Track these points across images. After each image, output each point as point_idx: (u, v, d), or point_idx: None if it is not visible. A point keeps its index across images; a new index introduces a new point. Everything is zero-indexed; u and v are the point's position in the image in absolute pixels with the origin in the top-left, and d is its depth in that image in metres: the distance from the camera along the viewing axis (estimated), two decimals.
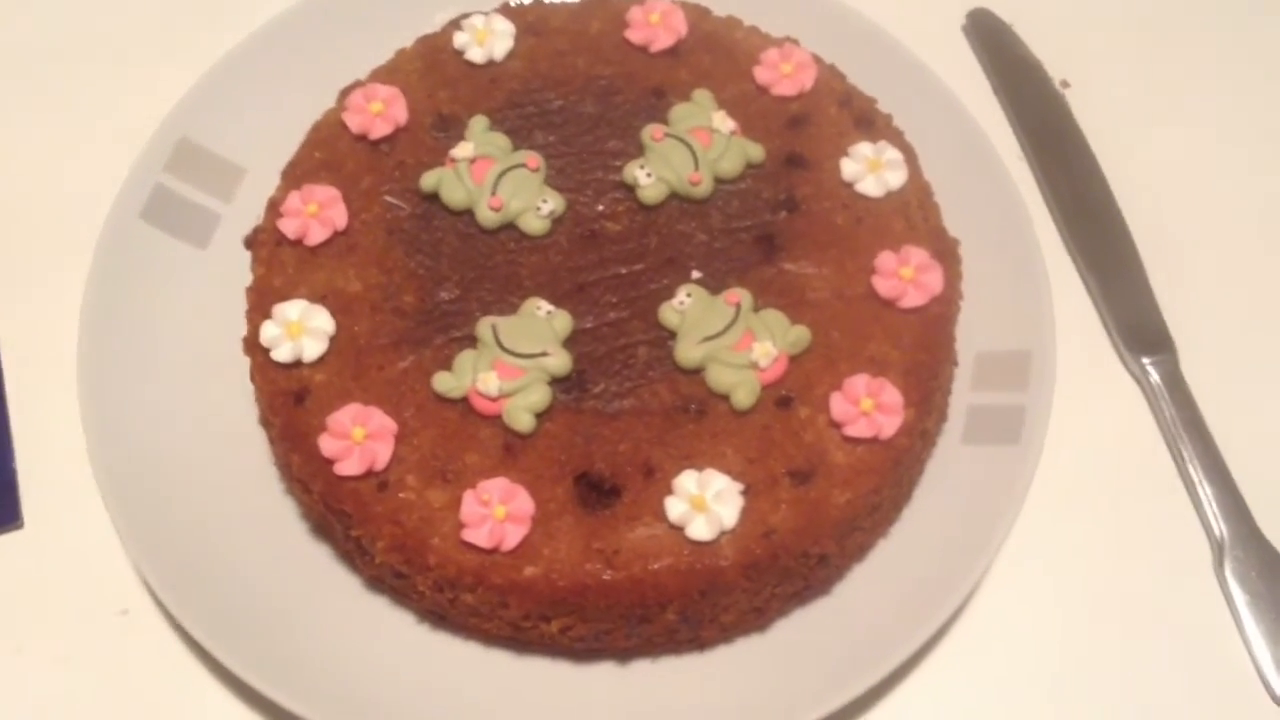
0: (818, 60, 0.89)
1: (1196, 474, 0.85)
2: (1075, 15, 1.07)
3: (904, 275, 0.80)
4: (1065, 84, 1.02)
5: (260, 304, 0.80)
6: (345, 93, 0.87)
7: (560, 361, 0.76)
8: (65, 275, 0.86)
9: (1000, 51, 1.03)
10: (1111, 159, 0.98)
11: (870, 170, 0.84)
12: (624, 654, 0.77)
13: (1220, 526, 0.83)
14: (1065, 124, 0.99)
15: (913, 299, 0.80)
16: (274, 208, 0.83)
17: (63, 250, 0.89)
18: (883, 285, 0.80)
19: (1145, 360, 0.89)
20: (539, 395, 0.75)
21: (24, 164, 0.97)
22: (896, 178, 0.84)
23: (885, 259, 0.80)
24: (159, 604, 0.79)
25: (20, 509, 0.84)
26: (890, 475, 0.75)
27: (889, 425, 0.75)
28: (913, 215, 0.83)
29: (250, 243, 0.83)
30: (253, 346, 0.79)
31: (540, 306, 0.79)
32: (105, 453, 0.79)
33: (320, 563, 0.80)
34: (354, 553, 0.77)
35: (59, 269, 0.88)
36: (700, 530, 0.72)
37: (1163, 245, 0.94)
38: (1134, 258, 0.93)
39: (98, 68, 1.02)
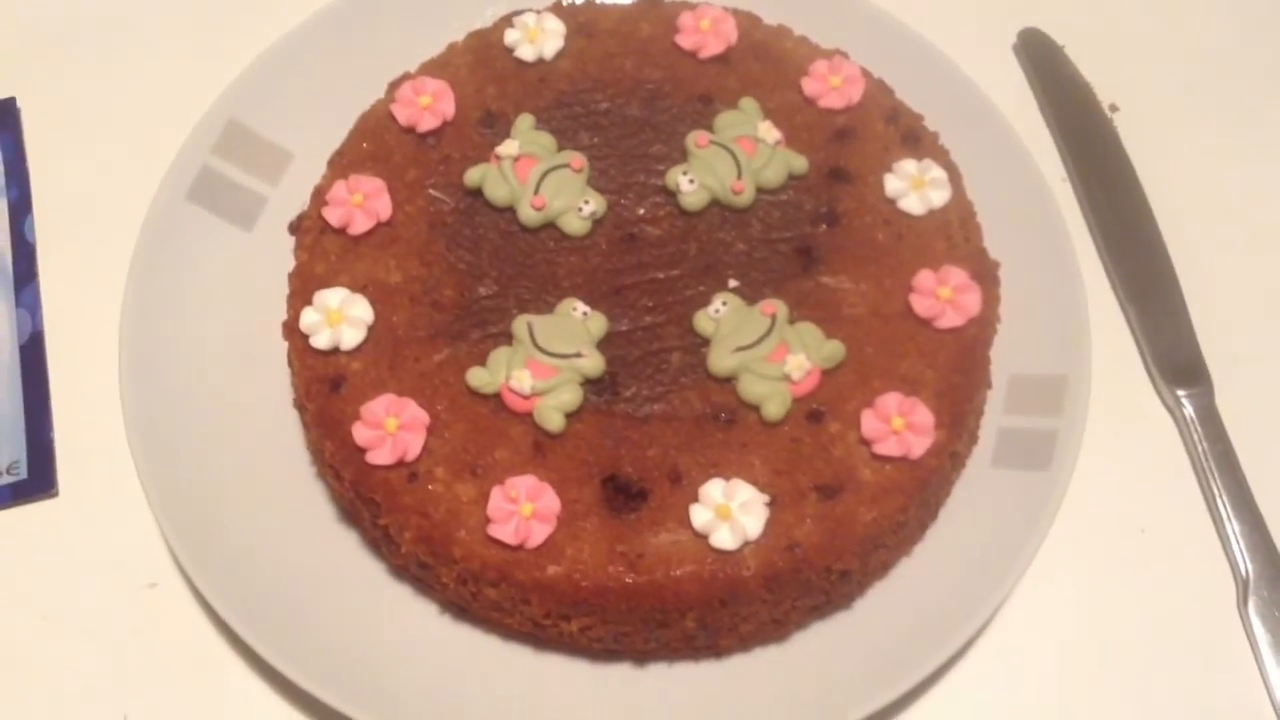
0: (866, 74, 0.89)
1: (1225, 509, 0.85)
2: (1128, 39, 1.06)
3: (942, 295, 0.80)
4: (1114, 108, 1.02)
5: (302, 290, 0.81)
6: (395, 85, 0.88)
7: (593, 363, 0.77)
8: (112, 251, 0.88)
9: (1050, 72, 1.02)
10: (1157, 186, 0.97)
11: (914, 187, 0.84)
12: (641, 656, 0.77)
13: (1246, 563, 0.83)
14: (1112, 148, 0.99)
15: (950, 319, 0.80)
16: (319, 195, 0.84)
17: (110, 227, 0.90)
18: (920, 304, 0.80)
19: (1180, 392, 0.89)
20: (571, 395, 0.76)
21: (76, 140, 0.98)
22: (940, 196, 0.84)
23: (924, 278, 0.80)
24: (186, 579, 0.80)
25: (56, 478, 0.86)
26: (917, 495, 0.75)
27: (919, 445, 0.75)
28: (954, 235, 0.83)
29: (295, 228, 0.85)
30: (292, 331, 0.79)
31: (576, 307, 0.79)
32: (141, 427, 0.80)
33: (347, 548, 0.81)
34: (380, 541, 0.78)
35: (106, 245, 0.89)
36: (724, 539, 0.72)
37: (1204, 276, 0.94)
38: (1174, 288, 0.93)
39: (151, 48, 1.03)
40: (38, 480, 0.85)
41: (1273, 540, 0.84)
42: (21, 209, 0.95)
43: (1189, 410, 0.88)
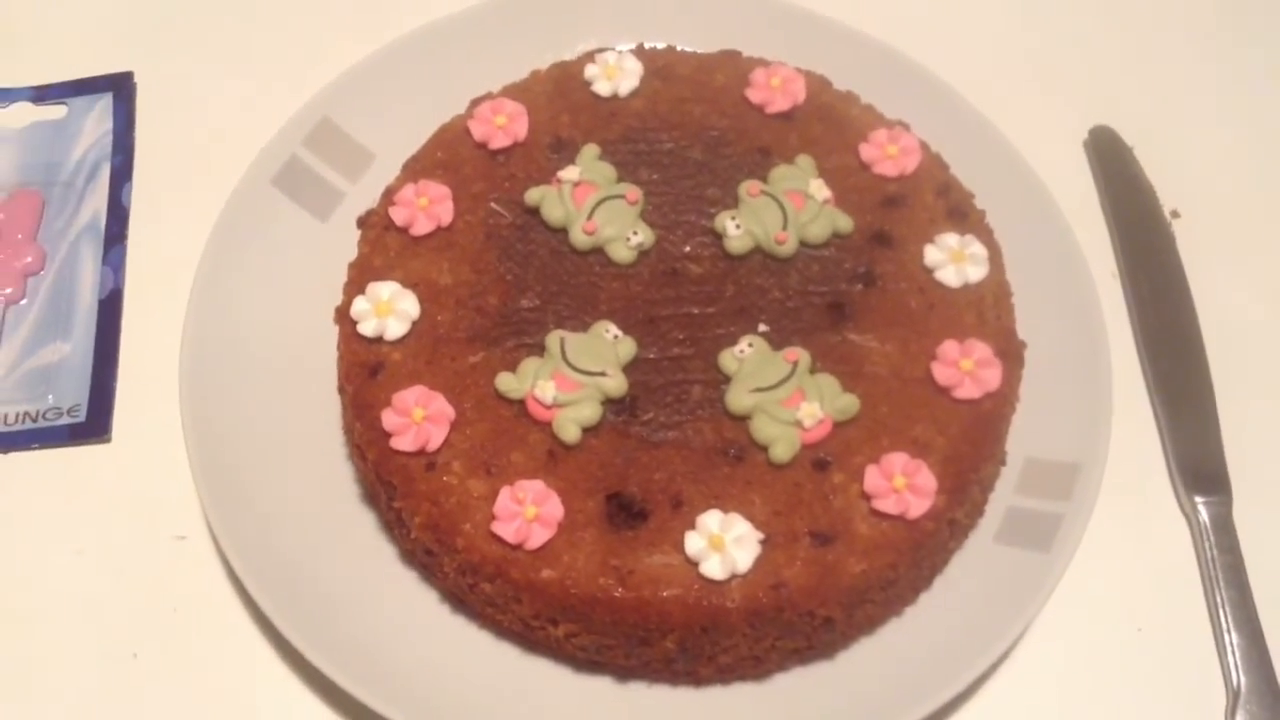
0: (924, 147, 0.92)
1: (1225, 620, 0.85)
2: (1199, 148, 1.07)
3: (963, 366, 0.82)
4: (1175, 214, 1.03)
5: (358, 279, 0.85)
6: (475, 102, 0.93)
7: (617, 383, 0.80)
8: (196, 224, 0.93)
9: (1116, 170, 1.04)
10: (1207, 294, 0.98)
11: (952, 260, 0.86)
12: (623, 672, 0.80)
13: (1239, 676, 0.83)
14: (1167, 253, 1.00)
15: (967, 391, 0.81)
16: (389, 195, 0.89)
17: (199, 201, 0.95)
18: (941, 372, 0.82)
19: (1198, 498, 0.89)
20: (590, 411, 0.79)
21: (181, 117, 1.05)
22: (977, 272, 0.86)
23: (948, 347, 0.82)
24: (212, 535, 0.84)
25: (111, 424, 0.92)
26: (909, 555, 0.77)
27: (917, 506, 0.77)
28: (985, 311, 0.85)
29: (362, 222, 0.90)
30: (343, 317, 0.84)
31: (609, 329, 0.83)
32: (193, 389, 0.85)
33: (364, 528, 0.85)
34: (394, 523, 0.82)
35: (192, 217, 0.94)
36: (713, 568, 0.74)
37: (1240, 387, 0.94)
38: (1208, 395, 0.93)
39: (262, 40, 1.11)
40: (95, 424, 0.91)
41: (1270, 657, 0.83)
42: (123, 175, 1.02)
43: (1204, 517, 0.88)
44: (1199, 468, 0.90)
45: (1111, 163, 1.04)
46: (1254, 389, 0.95)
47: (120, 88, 1.07)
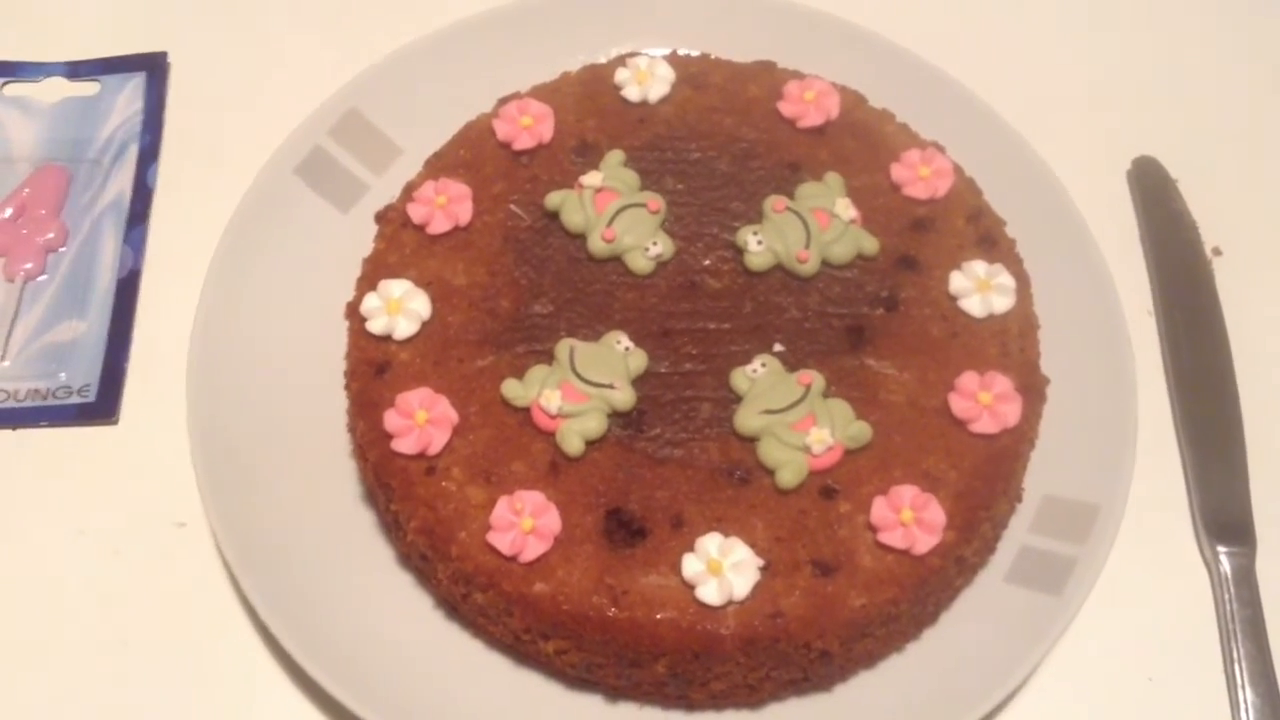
0: (958, 170, 0.89)
1: (1241, 675, 0.82)
2: (1245, 185, 1.04)
3: (982, 400, 0.79)
4: (1217, 251, 1.00)
5: (371, 275, 0.85)
6: (502, 101, 0.92)
7: (625, 397, 0.79)
8: (218, 208, 0.92)
9: (1158, 203, 1.01)
10: (1244, 336, 0.95)
11: (978, 289, 0.83)
12: (613, 692, 0.78)
13: None
14: (1205, 291, 0.97)
15: (985, 425, 0.79)
16: (408, 191, 0.88)
17: (222, 186, 0.94)
18: (958, 404, 0.79)
19: (1220, 548, 0.86)
20: (595, 423, 0.78)
21: (210, 100, 1.05)
22: (1003, 303, 0.83)
23: (968, 379, 0.80)
24: (210, 525, 0.84)
25: (119, 407, 0.91)
26: (913, 591, 0.75)
27: (924, 542, 0.75)
28: (1009, 344, 0.83)
29: (379, 217, 0.89)
30: (353, 312, 0.83)
31: (621, 341, 0.81)
32: (201, 376, 0.85)
33: (363, 528, 0.84)
34: (391, 526, 0.81)
35: (214, 202, 0.93)
36: (709, 593, 0.73)
37: (1272, 433, 0.91)
38: (1238, 443, 0.90)
39: (295, 28, 1.10)
40: (104, 405, 0.91)
41: None
42: (150, 155, 1.02)
43: (1225, 568, 0.85)
44: (1223, 516, 0.87)
45: (1153, 195, 1.01)
46: None
47: (154, 68, 1.06)
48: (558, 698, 0.78)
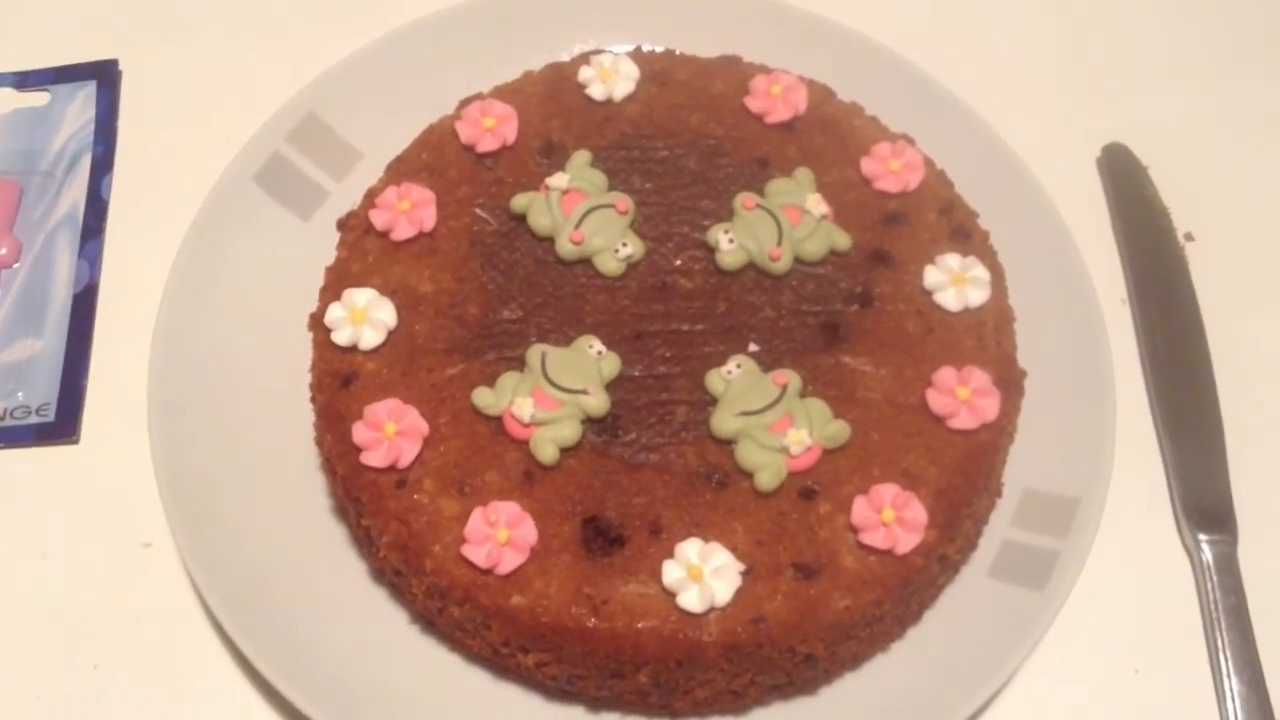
0: (928, 163, 0.88)
1: (1226, 665, 0.81)
2: (1216, 170, 1.03)
3: (960, 395, 0.78)
4: (1189, 237, 0.99)
5: (334, 285, 0.83)
6: (464, 103, 0.90)
7: (598, 402, 0.77)
8: (175, 219, 0.90)
9: (1129, 190, 1.00)
10: (1219, 322, 0.94)
11: (953, 283, 0.82)
12: (596, 702, 0.77)
13: None
14: (1179, 278, 0.96)
15: (963, 421, 0.78)
16: (370, 198, 0.86)
17: (179, 196, 0.92)
18: (936, 400, 0.78)
19: (1202, 536, 0.86)
20: (569, 430, 0.76)
21: (164, 108, 1.03)
22: (978, 296, 0.82)
23: (945, 374, 0.79)
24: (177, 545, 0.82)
25: (80, 425, 0.89)
26: (896, 592, 0.74)
27: (906, 542, 0.74)
28: (985, 337, 0.82)
29: (341, 225, 0.87)
30: (317, 323, 0.81)
31: (593, 345, 0.80)
32: (162, 392, 0.83)
33: (335, 543, 0.82)
34: (363, 541, 0.79)
35: (171, 213, 0.91)
36: (691, 600, 0.71)
37: (1251, 422, 0.90)
38: (1216, 429, 0.89)
39: (251, 31, 1.07)
40: (63, 425, 0.89)
41: (1270, 705, 0.80)
42: (104, 166, 1.00)
43: (1207, 556, 0.85)
44: (1204, 504, 0.87)
45: (1125, 182, 1.01)
46: (1265, 423, 0.91)
47: (105, 76, 1.04)
48: (539, 710, 0.77)
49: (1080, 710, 0.81)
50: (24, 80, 1.03)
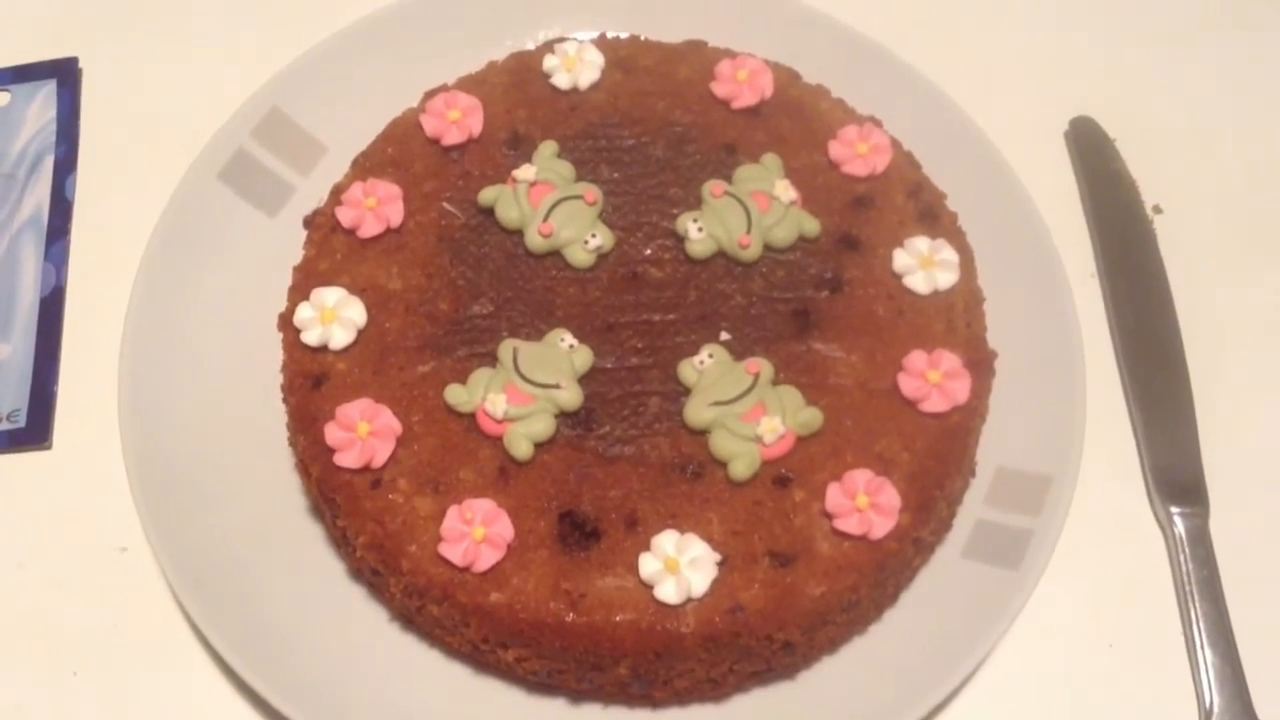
0: (896, 145, 0.88)
1: (1199, 637, 0.82)
2: (1183, 141, 1.03)
3: (931, 378, 0.78)
4: (1158, 209, 1.00)
5: (302, 284, 0.82)
6: (428, 95, 0.89)
7: (571, 396, 0.77)
8: (141, 219, 0.89)
9: (1096, 164, 1.00)
10: (1189, 295, 0.95)
11: (922, 266, 0.83)
12: (576, 695, 0.77)
13: (1212, 696, 0.80)
14: (1147, 250, 0.97)
15: (935, 404, 0.78)
16: (336, 194, 0.85)
17: (144, 195, 0.91)
18: (907, 384, 0.79)
19: (1174, 509, 0.86)
20: (543, 425, 0.76)
21: (126, 106, 1.01)
22: (947, 278, 0.83)
23: (916, 358, 0.79)
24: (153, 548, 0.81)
25: (52, 431, 0.88)
26: (872, 576, 0.74)
27: (880, 526, 0.74)
28: (955, 319, 0.82)
29: (308, 223, 0.86)
30: (286, 324, 0.81)
31: (565, 338, 0.80)
32: (133, 394, 0.82)
33: (312, 542, 0.82)
34: (339, 541, 0.79)
35: (136, 212, 0.91)
36: (668, 592, 0.72)
37: (1221, 395, 0.91)
38: (1186, 402, 0.90)
39: (212, 27, 1.06)
40: (34, 431, 0.88)
41: (1244, 676, 0.81)
42: (67, 166, 0.98)
43: (1180, 529, 0.86)
44: (1175, 477, 0.88)
45: (1092, 156, 1.01)
46: (1235, 395, 0.92)
47: (65, 74, 1.02)
48: (520, 704, 0.77)
49: (1056, 685, 0.82)
50: None
